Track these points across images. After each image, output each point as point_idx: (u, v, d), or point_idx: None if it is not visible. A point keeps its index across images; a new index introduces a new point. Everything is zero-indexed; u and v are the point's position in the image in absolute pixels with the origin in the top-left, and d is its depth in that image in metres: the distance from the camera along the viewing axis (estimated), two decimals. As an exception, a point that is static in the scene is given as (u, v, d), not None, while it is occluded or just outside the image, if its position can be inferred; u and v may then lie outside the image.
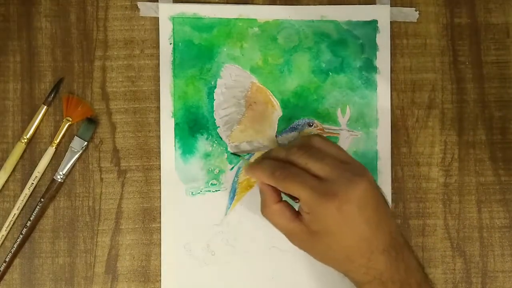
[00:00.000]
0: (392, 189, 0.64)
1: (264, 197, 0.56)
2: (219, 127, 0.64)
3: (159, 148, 0.64)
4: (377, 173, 0.64)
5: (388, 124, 0.65)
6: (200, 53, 0.64)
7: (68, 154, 0.63)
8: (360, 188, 0.52)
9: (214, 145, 0.64)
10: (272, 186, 0.55)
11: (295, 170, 0.53)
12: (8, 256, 0.62)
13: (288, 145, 0.56)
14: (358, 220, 0.52)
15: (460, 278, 0.64)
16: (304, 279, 0.64)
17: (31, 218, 0.62)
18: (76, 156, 0.63)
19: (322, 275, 0.64)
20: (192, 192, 0.64)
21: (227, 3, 0.64)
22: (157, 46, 0.64)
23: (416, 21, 0.65)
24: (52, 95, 0.63)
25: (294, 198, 0.56)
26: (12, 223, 0.63)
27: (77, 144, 0.63)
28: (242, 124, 0.64)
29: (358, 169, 0.54)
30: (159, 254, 0.63)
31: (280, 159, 0.55)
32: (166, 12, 0.64)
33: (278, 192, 0.56)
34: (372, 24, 0.65)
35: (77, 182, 0.64)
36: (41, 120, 0.63)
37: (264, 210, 0.56)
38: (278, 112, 0.64)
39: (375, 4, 0.65)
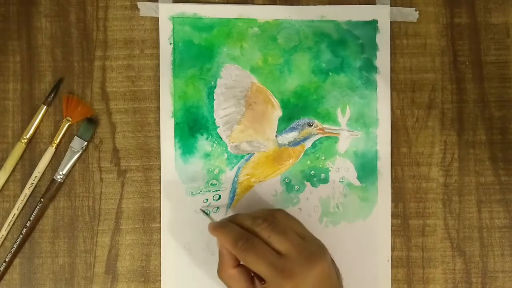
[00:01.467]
0: (392, 189, 0.64)
1: (222, 259, 0.56)
2: (219, 127, 0.64)
3: (159, 148, 0.64)
4: (377, 173, 0.64)
5: (388, 124, 0.65)
6: (200, 53, 0.64)
7: (68, 154, 0.63)
8: (317, 269, 0.53)
9: (214, 145, 0.64)
10: (230, 252, 0.55)
11: (257, 243, 0.54)
12: (8, 256, 0.62)
13: (253, 214, 0.57)
14: None
15: (460, 278, 0.64)
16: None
17: (31, 218, 0.62)
18: (76, 156, 0.63)
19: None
20: (192, 192, 0.64)
21: (227, 3, 0.65)
22: (157, 46, 0.64)
23: (416, 21, 0.65)
24: (52, 95, 0.63)
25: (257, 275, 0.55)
26: (12, 223, 0.63)
27: (77, 144, 0.63)
28: (242, 124, 0.64)
29: (317, 247, 0.55)
30: (159, 254, 0.63)
31: (244, 227, 0.55)
32: (166, 12, 0.64)
33: (236, 257, 0.56)
34: (372, 24, 0.65)
35: (77, 182, 0.64)
36: (41, 120, 0.63)
37: (221, 273, 0.56)
38: (278, 112, 0.64)
39: (375, 4, 0.65)
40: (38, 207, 0.62)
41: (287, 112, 0.64)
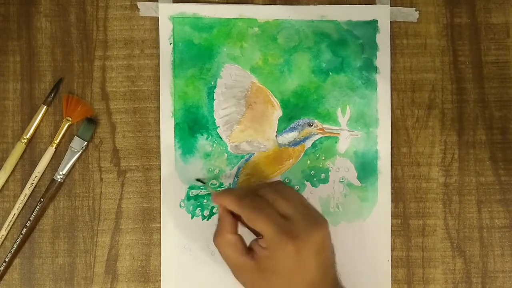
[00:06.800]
0: (392, 189, 0.64)
1: (221, 225, 0.56)
2: (219, 127, 0.64)
3: (159, 148, 0.64)
4: (377, 173, 0.64)
5: (388, 124, 0.65)
6: (200, 53, 0.64)
7: (68, 154, 0.63)
8: (320, 234, 0.54)
9: (214, 145, 0.64)
10: (231, 217, 0.56)
11: (263, 203, 0.54)
12: (8, 256, 0.62)
13: (257, 183, 0.58)
14: (312, 264, 0.53)
15: (460, 278, 0.64)
16: (304, 279, 0.64)
17: (31, 218, 0.62)
18: (76, 156, 0.63)
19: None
20: (192, 192, 0.64)
21: (227, 3, 0.64)
22: (157, 46, 0.64)
23: (416, 21, 0.65)
24: (52, 95, 0.63)
25: (256, 233, 0.56)
26: (12, 223, 0.63)
27: (77, 144, 0.63)
28: (242, 124, 0.64)
29: (318, 216, 0.56)
30: (159, 254, 0.63)
31: (250, 191, 0.56)
32: (166, 12, 0.64)
33: (236, 224, 0.56)
34: (372, 24, 0.65)
35: (77, 182, 0.64)
36: (41, 120, 0.63)
37: (218, 238, 0.56)
38: (278, 112, 0.64)
39: (375, 4, 0.65)
40: (38, 207, 0.62)
41: (287, 112, 0.64)
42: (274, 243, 0.53)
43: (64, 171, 0.63)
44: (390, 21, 0.65)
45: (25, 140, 0.63)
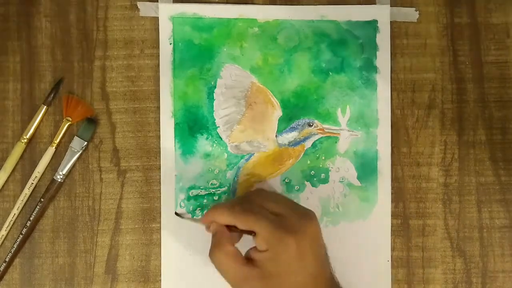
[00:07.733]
0: (392, 189, 0.64)
1: (218, 239, 0.55)
2: (219, 127, 0.64)
3: (159, 148, 0.64)
4: (377, 173, 0.64)
5: (388, 124, 0.65)
6: (200, 53, 0.64)
7: (68, 154, 0.63)
8: (312, 226, 0.54)
9: (214, 145, 0.64)
10: (227, 230, 0.55)
11: (254, 206, 0.55)
12: (8, 256, 0.62)
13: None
14: (311, 256, 0.53)
15: (460, 278, 0.64)
16: (304, 279, 0.64)
17: (31, 218, 0.62)
18: (76, 156, 0.63)
19: (322, 275, 0.64)
20: (192, 192, 0.64)
21: (227, 3, 0.65)
22: (157, 46, 0.64)
23: (416, 21, 0.65)
24: (52, 95, 0.63)
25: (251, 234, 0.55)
26: (12, 223, 0.63)
27: (77, 144, 0.63)
28: (242, 124, 0.64)
29: (306, 209, 0.56)
30: (159, 254, 0.63)
31: (237, 200, 0.57)
32: (166, 12, 0.64)
33: (231, 237, 0.55)
34: (372, 24, 0.65)
35: (77, 182, 0.64)
36: (41, 120, 0.63)
37: (216, 252, 0.55)
38: (278, 112, 0.64)
39: (375, 4, 0.65)
40: (38, 207, 0.62)
41: (287, 112, 0.64)
42: (274, 240, 0.53)
43: (64, 171, 0.63)
44: (390, 21, 0.65)
45: (25, 140, 0.63)
